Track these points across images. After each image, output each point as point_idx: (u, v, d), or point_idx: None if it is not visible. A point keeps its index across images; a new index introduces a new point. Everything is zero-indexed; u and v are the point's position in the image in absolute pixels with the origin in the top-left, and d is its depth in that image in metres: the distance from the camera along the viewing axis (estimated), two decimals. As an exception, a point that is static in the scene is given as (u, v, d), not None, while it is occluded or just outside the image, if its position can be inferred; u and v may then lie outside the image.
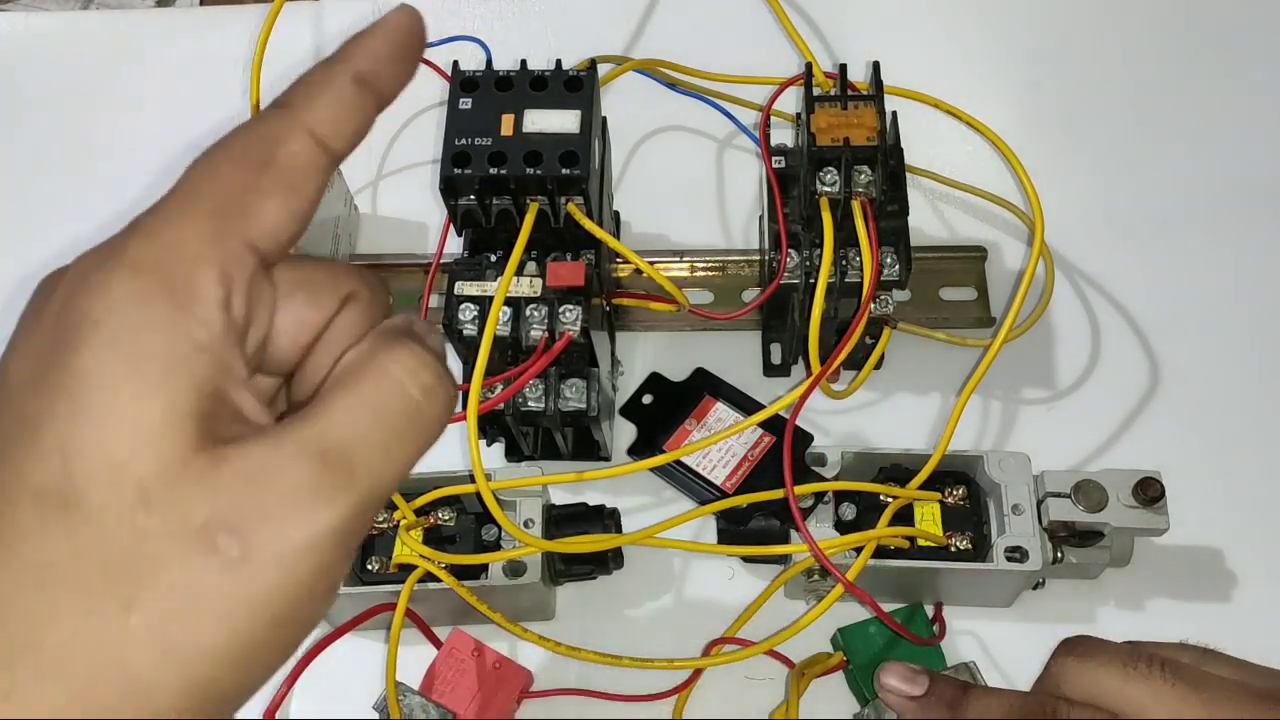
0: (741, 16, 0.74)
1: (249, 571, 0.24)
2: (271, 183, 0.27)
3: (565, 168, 0.49)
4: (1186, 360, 0.63)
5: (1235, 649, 0.45)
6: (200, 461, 0.24)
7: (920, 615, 0.54)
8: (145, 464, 0.24)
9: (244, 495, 0.24)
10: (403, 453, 0.26)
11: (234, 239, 0.26)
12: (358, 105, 0.28)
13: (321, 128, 0.28)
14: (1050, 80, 0.73)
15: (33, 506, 0.24)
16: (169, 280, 0.25)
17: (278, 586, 0.24)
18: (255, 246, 0.26)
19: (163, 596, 0.23)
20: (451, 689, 0.53)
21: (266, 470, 0.24)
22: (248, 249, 0.26)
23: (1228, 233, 0.67)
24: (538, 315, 0.51)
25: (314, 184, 0.28)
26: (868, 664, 0.53)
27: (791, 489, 0.50)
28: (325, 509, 0.25)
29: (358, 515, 0.25)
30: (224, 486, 0.24)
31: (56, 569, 0.23)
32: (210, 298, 0.25)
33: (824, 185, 0.52)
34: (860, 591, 0.49)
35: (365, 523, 0.26)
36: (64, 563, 0.23)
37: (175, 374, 0.24)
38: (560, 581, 0.57)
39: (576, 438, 0.59)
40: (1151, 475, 0.51)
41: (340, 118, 0.28)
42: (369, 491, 0.26)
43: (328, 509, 0.25)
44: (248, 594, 0.24)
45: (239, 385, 0.26)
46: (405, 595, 0.52)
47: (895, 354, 0.62)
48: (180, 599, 0.24)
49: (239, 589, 0.24)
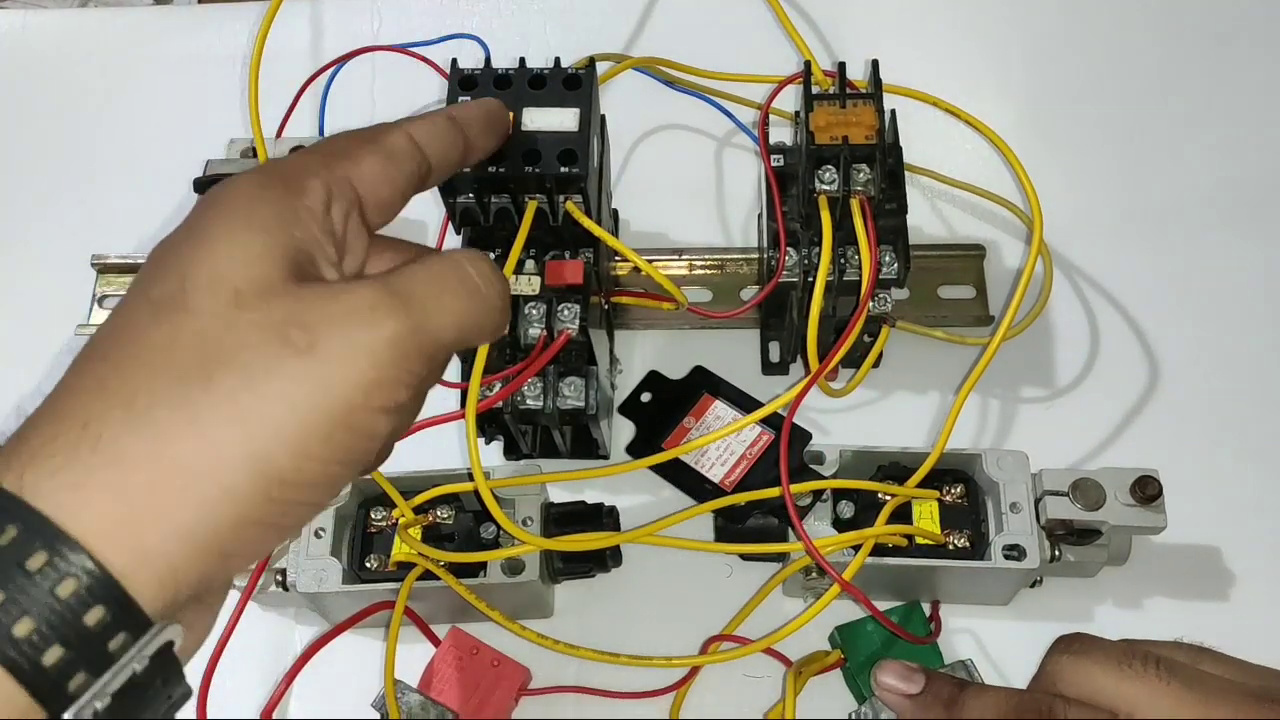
0: (740, 15, 0.74)
1: (314, 360, 0.28)
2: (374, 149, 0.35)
3: (564, 166, 0.49)
4: (1185, 359, 0.63)
5: (1232, 647, 0.45)
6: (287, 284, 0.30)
7: (918, 613, 0.54)
8: (242, 278, 0.29)
9: (318, 306, 0.29)
10: (459, 308, 0.32)
11: (339, 170, 0.34)
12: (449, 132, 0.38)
13: (419, 133, 0.36)
14: (1049, 79, 0.73)
15: (149, 310, 0.29)
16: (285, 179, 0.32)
17: (338, 378, 0.29)
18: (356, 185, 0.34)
19: (240, 370, 0.28)
20: (450, 687, 0.53)
21: (341, 293, 0.30)
22: (349, 183, 0.34)
23: (1227, 231, 0.67)
24: (536, 313, 0.51)
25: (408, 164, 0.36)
26: (865, 662, 0.53)
27: (788, 489, 0.50)
28: (385, 320, 0.30)
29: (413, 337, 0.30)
30: (303, 298, 0.30)
31: (159, 351, 0.28)
32: (316, 196, 0.32)
33: (823, 184, 0.52)
34: (856, 590, 0.49)
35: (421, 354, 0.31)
36: (165, 346, 0.28)
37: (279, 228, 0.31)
38: (559, 579, 0.57)
39: (575, 436, 0.59)
40: (1149, 474, 0.52)
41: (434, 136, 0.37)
42: (424, 321, 0.31)
43: (387, 320, 0.30)
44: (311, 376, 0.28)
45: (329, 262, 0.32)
46: (404, 593, 0.52)
47: (894, 352, 0.62)
48: (253, 374, 0.28)
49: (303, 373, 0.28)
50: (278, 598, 0.55)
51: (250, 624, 0.53)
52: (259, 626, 0.57)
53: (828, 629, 0.55)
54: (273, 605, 0.58)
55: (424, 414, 0.52)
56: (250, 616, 0.53)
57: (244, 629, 0.52)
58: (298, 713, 0.55)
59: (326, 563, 0.52)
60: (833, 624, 0.55)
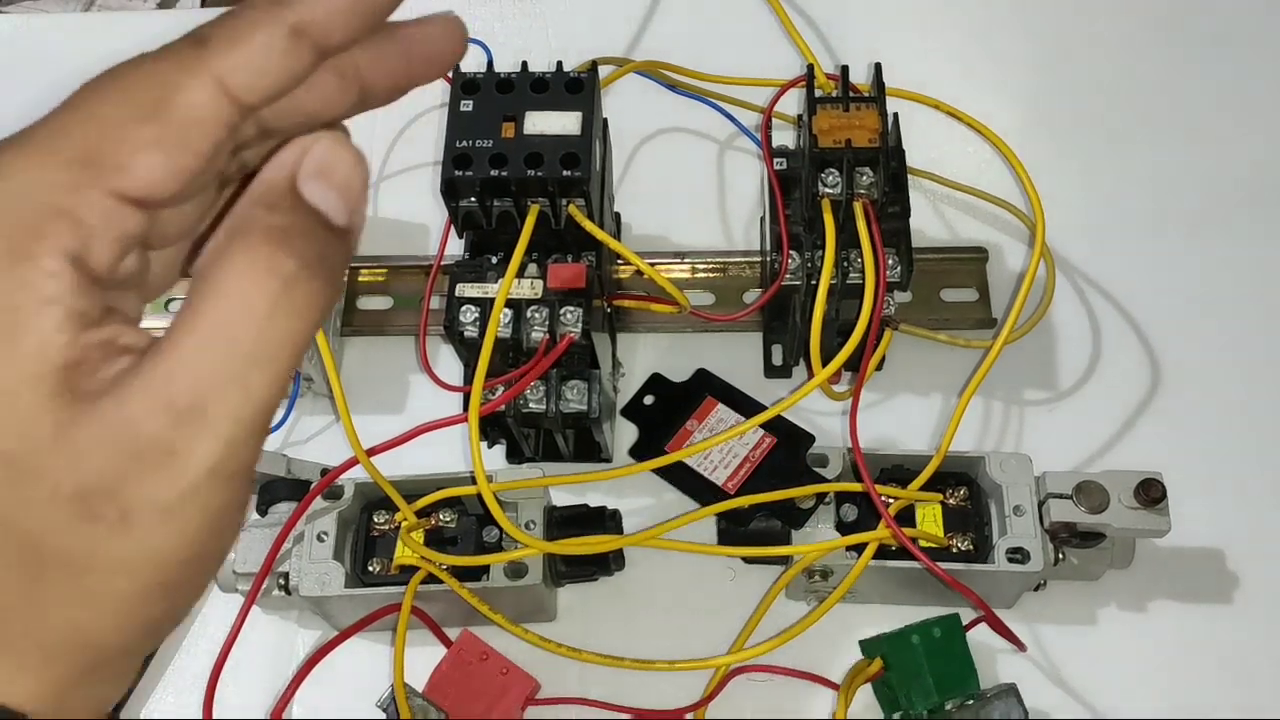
0: (743, 18, 0.74)
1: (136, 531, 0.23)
2: (156, 134, 0.24)
3: (566, 169, 0.49)
4: (1188, 361, 0.63)
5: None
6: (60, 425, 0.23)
7: (957, 624, 0.53)
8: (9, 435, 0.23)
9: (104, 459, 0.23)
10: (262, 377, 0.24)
11: (96, 190, 0.24)
12: (287, 58, 0.25)
13: (235, 77, 0.24)
14: (1051, 82, 0.73)
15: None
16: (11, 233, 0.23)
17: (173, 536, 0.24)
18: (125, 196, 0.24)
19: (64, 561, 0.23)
20: (457, 691, 0.53)
21: (120, 432, 0.23)
22: (114, 198, 0.24)
23: (1229, 234, 0.67)
24: (539, 317, 0.51)
25: (210, 140, 0.24)
26: (909, 674, 0.51)
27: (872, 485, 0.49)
28: (186, 462, 0.23)
29: (230, 453, 0.24)
30: (84, 452, 0.23)
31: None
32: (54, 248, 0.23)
33: (826, 187, 0.52)
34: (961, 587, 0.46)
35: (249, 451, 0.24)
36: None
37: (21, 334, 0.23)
38: (561, 583, 0.57)
39: (578, 439, 0.59)
40: (1153, 476, 0.51)
41: (263, 71, 0.25)
42: (232, 429, 0.24)
43: (188, 461, 0.23)
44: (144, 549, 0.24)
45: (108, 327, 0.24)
46: (409, 598, 0.52)
47: (897, 355, 0.62)
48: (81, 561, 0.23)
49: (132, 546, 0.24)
50: (281, 601, 0.55)
51: (254, 628, 0.54)
52: (262, 631, 0.57)
53: (829, 629, 0.55)
54: (276, 609, 0.58)
55: (427, 417, 0.52)
56: (254, 621, 0.53)
57: (248, 633, 0.53)
58: (302, 713, 0.55)
59: (329, 566, 0.52)
60: (836, 627, 0.55)
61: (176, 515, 0.24)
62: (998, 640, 0.54)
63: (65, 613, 0.24)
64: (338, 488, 0.54)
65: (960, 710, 0.51)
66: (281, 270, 0.24)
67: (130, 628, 0.25)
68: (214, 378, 0.23)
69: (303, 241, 0.24)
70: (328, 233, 0.25)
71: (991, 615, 0.52)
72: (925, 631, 0.52)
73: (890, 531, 0.51)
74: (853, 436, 0.52)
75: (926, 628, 0.52)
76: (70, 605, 0.24)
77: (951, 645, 0.52)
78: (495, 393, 0.51)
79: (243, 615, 0.53)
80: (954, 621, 0.52)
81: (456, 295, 0.51)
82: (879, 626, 0.54)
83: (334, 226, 0.25)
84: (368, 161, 0.26)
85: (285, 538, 0.52)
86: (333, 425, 0.62)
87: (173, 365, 0.23)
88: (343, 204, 0.25)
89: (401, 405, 0.63)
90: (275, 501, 0.55)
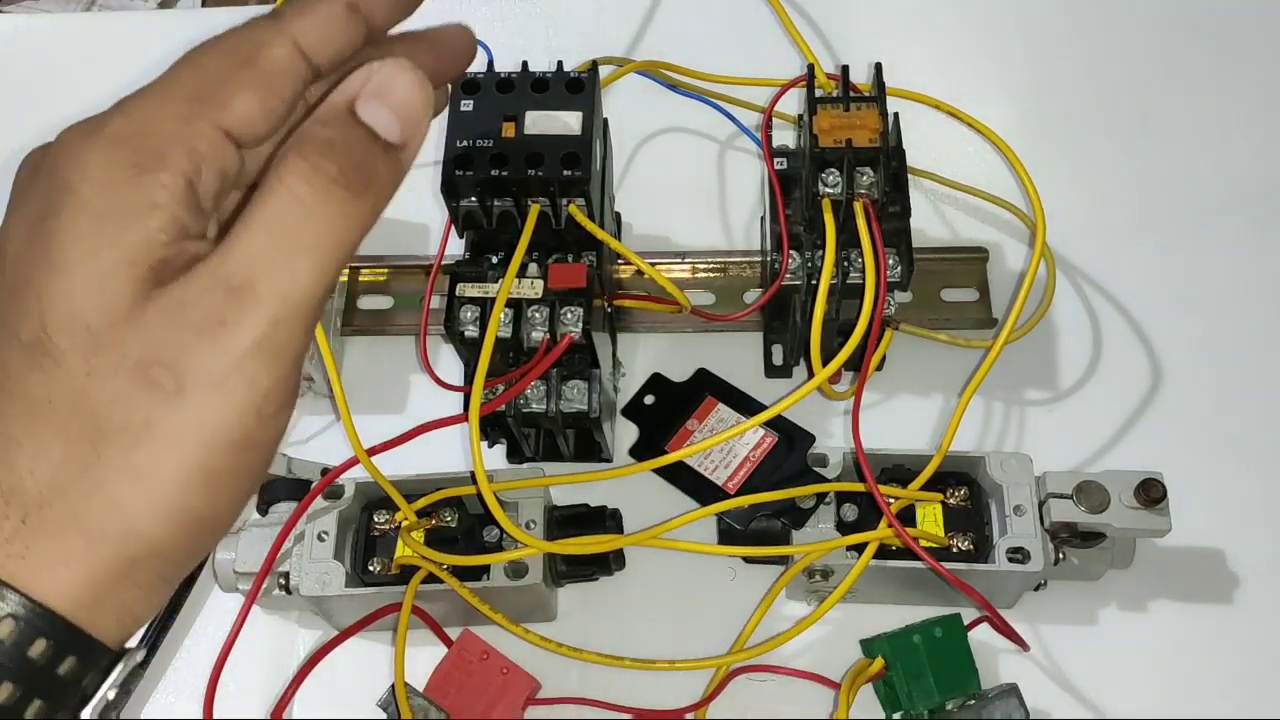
0: (743, 18, 0.74)
1: (189, 401, 0.26)
2: (250, 77, 0.29)
3: (567, 169, 0.49)
4: (1189, 360, 0.63)
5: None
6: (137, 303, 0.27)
7: (958, 624, 0.53)
8: (93, 310, 0.27)
9: (166, 331, 0.27)
10: (307, 264, 0.28)
11: (205, 121, 0.28)
12: (345, 28, 0.31)
13: (306, 38, 0.30)
14: (1052, 81, 0.73)
15: (22, 356, 0.27)
16: (138, 151, 0.28)
17: (220, 410, 0.27)
18: (228, 130, 0.29)
19: (121, 429, 0.26)
20: (458, 691, 0.53)
21: (182, 306, 0.27)
22: (218, 131, 0.29)
23: (1229, 233, 0.67)
24: (539, 317, 0.51)
25: (290, 87, 0.30)
26: (911, 674, 0.51)
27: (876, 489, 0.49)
28: (236, 333, 0.27)
29: (275, 330, 0.27)
30: (150, 324, 0.27)
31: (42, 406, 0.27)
32: (176, 170, 0.28)
33: (826, 187, 0.52)
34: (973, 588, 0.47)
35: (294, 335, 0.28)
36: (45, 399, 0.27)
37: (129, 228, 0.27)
38: (562, 583, 0.57)
39: (578, 439, 0.59)
40: (1153, 476, 0.51)
41: (327, 36, 0.30)
42: (278, 307, 0.27)
43: (238, 332, 0.27)
44: (195, 420, 0.27)
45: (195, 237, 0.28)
46: (409, 597, 0.52)
47: (897, 355, 0.62)
48: (135, 431, 0.26)
49: (184, 416, 0.27)
50: (281, 601, 0.55)
51: (254, 628, 0.54)
52: (262, 630, 0.57)
53: (829, 630, 0.55)
54: (276, 609, 0.58)
55: (427, 417, 0.52)
56: (254, 620, 0.53)
57: (248, 633, 0.53)
58: (302, 713, 0.55)
59: (330, 566, 0.52)
60: (837, 627, 0.55)
61: (224, 388, 0.27)
62: (999, 640, 0.54)
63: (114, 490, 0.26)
64: (338, 487, 0.54)
65: (961, 710, 0.51)
66: (325, 170, 0.28)
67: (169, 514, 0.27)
68: (263, 259, 0.27)
69: (347, 150, 0.28)
70: (375, 146, 0.29)
71: (996, 615, 0.52)
72: (926, 631, 0.52)
73: (892, 531, 0.51)
74: (855, 436, 0.52)
75: (928, 627, 0.52)
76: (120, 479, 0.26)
77: (953, 645, 0.52)
78: (495, 392, 0.51)
79: (243, 615, 0.53)
80: (955, 621, 0.52)
81: (457, 295, 0.51)
82: (879, 626, 0.54)
83: (387, 144, 0.29)
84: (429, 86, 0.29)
85: (286, 537, 0.52)
86: (333, 425, 0.62)
87: (229, 251, 0.27)
88: (395, 122, 0.29)
89: (402, 405, 0.63)
90: (275, 501, 0.55)
